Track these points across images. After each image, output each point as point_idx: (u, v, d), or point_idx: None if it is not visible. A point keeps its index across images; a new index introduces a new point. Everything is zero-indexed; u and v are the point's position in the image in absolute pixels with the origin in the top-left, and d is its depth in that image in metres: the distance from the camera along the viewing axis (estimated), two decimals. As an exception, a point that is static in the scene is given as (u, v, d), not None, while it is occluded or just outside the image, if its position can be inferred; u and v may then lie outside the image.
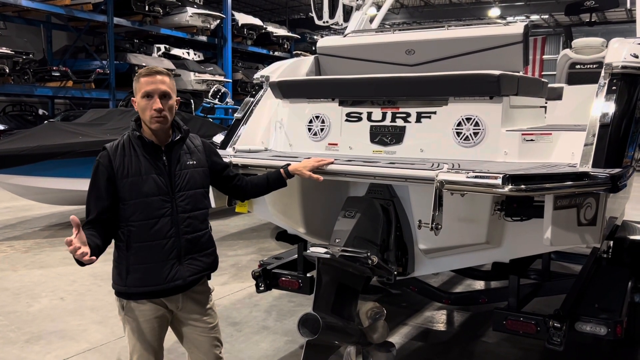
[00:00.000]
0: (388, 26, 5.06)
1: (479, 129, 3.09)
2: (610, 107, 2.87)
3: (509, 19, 20.40)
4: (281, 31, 24.41)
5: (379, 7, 5.57)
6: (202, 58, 21.55)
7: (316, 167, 2.93)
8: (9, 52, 14.59)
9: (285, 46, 24.90)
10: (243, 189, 2.90)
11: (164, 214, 2.47)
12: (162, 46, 19.88)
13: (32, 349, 4.15)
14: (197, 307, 2.64)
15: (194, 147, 2.66)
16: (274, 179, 2.93)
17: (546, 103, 3.94)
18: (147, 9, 17.55)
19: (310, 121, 3.65)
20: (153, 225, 2.45)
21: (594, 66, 5.31)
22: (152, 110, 2.43)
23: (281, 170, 2.92)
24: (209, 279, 2.75)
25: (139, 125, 2.55)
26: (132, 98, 2.56)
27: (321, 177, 2.91)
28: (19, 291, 5.45)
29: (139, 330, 2.53)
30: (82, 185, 8.27)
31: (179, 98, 2.63)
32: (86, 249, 2.20)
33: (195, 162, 2.61)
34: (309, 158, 3.03)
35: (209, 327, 2.67)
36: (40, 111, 19.13)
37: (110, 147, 2.51)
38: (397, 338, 4.33)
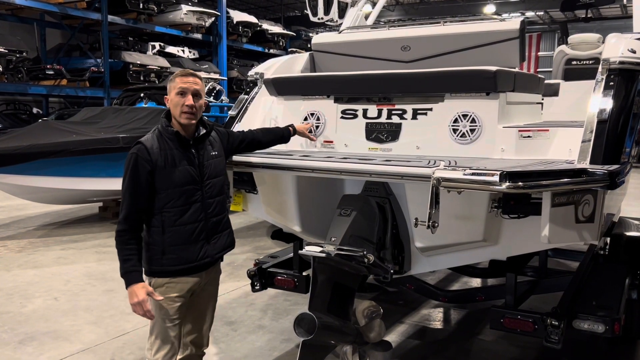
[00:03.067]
0: (383, 22, 5.04)
1: (476, 126, 3.07)
2: (607, 103, 2.85)
3: (504, 15, 20.37)
4: (276, 28, 24.34)
5: (374, 4, 5.54)
6: (197, 56, 21.46)
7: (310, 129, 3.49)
8: (2, 50, 14.50)
9: (281, 44, 24.83)
10: (263, 142, 3.32)
11: (196, 200, 2.76)
12: (156, 44, 19.79)
13: (25, 350, 4.11)
14: (212, 285, 2.99)
15: (213, 139, 2.96)
16: (284, 135, 3.40)
17: (543, 99, 3.91)
18: (141, 6, 17.46)
19: (305, 118, 3.62)
20: (186, 210, 2.73)
21: (591, 62, 5.29)
22: (185, 106, 2.71)
23: (290, 128, 3.41)
24: (222, 260, 3.04)
25: (169, 120, 2.80)
26: (165, 96, 2.83)
27: (314, 138, 3.45)
28: (12, 291, 5.40)
29: (165, 305, 2.75)
30: (77, 184, 8.25)
31: (206, 101, 2.81)
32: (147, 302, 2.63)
33: (216, 153, 2.92)
34: (307, 155, 3.15)
35: (212, 303, 3.05)
36: (35, 110, 19.03)
37: (145, 141, 2.72)
38: (393, 336, 4.30)
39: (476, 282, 5.51)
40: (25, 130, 8.56)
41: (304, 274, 3.95)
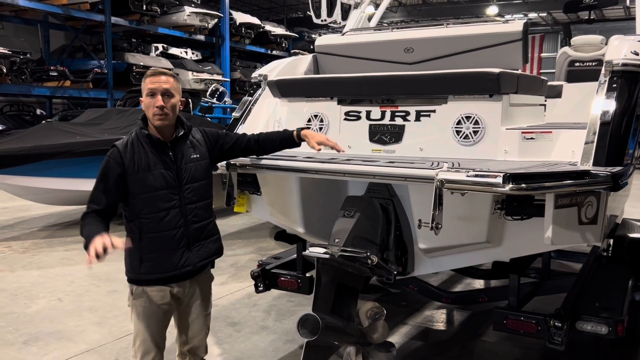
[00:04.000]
0: (386, 24, 5.05)
1: (479, 128, 3.07)
2: (610, 105, 2.85)
3: (507, 16, 20.36)
4: (279, 30, 24.36)
5: (377, 6, 5.55)
6: (200, 57, 21.50)
7: (323, 143, 3.02)
8: (6, 52, 14.53)
9: (284, 45, 24.86)
10: (261, 148, 3.06)
11: (173, 206, 2.65)
12: (160, 45, 19.82)
13: (29, 350, 4.13)
14: (200, 293, 2.85)
15: (196, 141, 2.82)
16: (287, 139, 3.08)
17: (546, 101, 3.92)
18: (144, 8, 17.49)
19: (309, 120, 3.63)
20: (163, 217, 2.63)
21: (594, 64, 5.30)
22: (155, 108, 2.60)
23: (294, 132, 3.07)
24: (212, 267, 2.95)
25: (145, 123, 2.71)
26: (141, 98, 2.71)
27: (318, 147, 2.99)
28: (16, 292, 5.42)
29: (145, 314, 2.69)
30: (80, 185, 8.27)
31: (184, 99, 2.78)
32: (116, 240, 2.36)
33: (198, 156, 2.78)
34: (310, 157, 3.11)
35: (205, 313, 2.90)
36: (38, 111, 19.05)
37: (120, 144, 2.66)
38: (397, 337, 4.31)
39: (479, 284, 5.51)
40: (29, 131, 8.60)
41: (308, 275, 3.95)
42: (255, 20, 22.78)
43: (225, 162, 3.20)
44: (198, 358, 2.93)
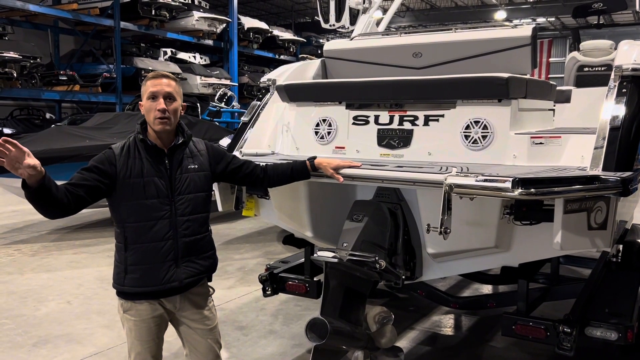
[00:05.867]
0: (394, 29, 5.05)
1: (488, 132, 3.07)
2: (620, 110, 2.85)
3: (515, 21, 20.33)
4: (287, 35, 24.48)
5: (385, 11, 5.56)
6: (208, 62, 21.62)
7: (340, 167, 2.92)
8: (16, 56, 14.69)
9: (291, 50, 24.96)
10: (268, 178, 2.89)
11: (163, 217, 2.51)
12: (168, 50, 19.97)
13: (39, 353, 4.15)
14: (196, 309, 2.68)
15: (197, 151, 2.68)
16: (298, 170, 2.93)
17: (554, 106, 3.91)
18: (153, 13, 17.65)
19: (317, 124, 3.64)
20: (151, 227, 2.49)
21: (603, 69, 5.28)
22: (156, 111, 2.48)
23: (307, 162, 2.93)
24: (210, 280, 2.78)
25: (144, 128, 2.59)
26: (140, 102, 2.61)
27: (342, 178, 2.90)
28: (26, 295, 5.45)
29: (136, 328, 2.59)
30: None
31: (185, 104, 2.68)
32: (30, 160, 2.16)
33: (197, 166, 2.64)
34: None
35: (208, 328, 2.71)
36: (47, 115, 19.22)
37: (116, 147, 2.56)
38: (404, 342, 4.30)
39: (487, 289, 5.49)
40: (38, 135, 8.66)
41: (315, 279, 3.96)
42: (263, 25, 22.90)
43: None
44: None
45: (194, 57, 20.77)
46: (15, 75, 14.76)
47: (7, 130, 16.21)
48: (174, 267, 2.53)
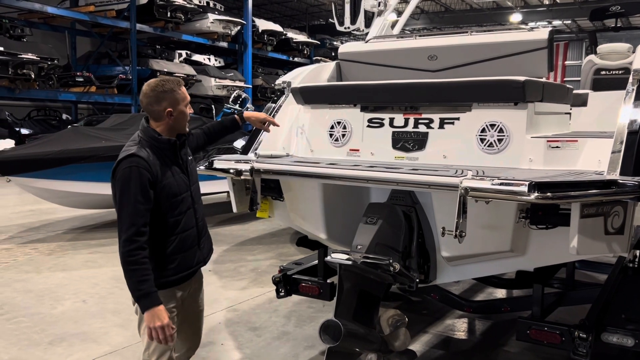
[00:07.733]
0: (409, 32, 5.05)
1: (504, 136, 3.06)
2: (638, 114, 2.82)
3: (531, 24, 20.20)
4: (301, 37, 24.52)
5: (399, 13, 5.56)
6: (222, 64, 21.73)
7: (266, 120, 3.41)
8: (34, 58, 14.85)
9: (305, 52, 25.00)
10: (208, 138, 3.18)
11: (189, 207, 2.74)
12: (183, 52, 20.10)
13: (54, 351, 4.20)
14: (197, 289, 2.95)
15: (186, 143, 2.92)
16: (230, 123, 3.27)
17: (571, 109, 3.88)
18: (169, 15, 17.77)
19: (332, 127, 3.65)
20: (183, 218, 2.70)
21: (620, 72, 5.23)
22: (188, 117, 2.72)
23: (236, 116, 3.27)
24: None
25: (152, 130, 2.68)
26: (169, 109, 2.62)
27: (270, 129, 3.47)
28: (42, 293, 5.52)
29: (179, 312, 2.76)
30: (105, 189, 8.34)
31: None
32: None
33: (191, 157, 2.90)
34: (333, 164, 3.12)
35: (201, 309, 3.01)
36: (64, 116, 19.44)
37: (141, 153, 2.56)
38: (417, 346, 4.29)
39: (501, 293, 5.45)
40: (55, 136, 8.77)
41: (329, 281, 3.96)
42: (277, 28, 22.96)
43: (249, 167, 3.24)
44: (192, 352, 3.04)
45: (209, 59, 20.89)
46: (33, 76, 14.93)
47: (24, 131, 16.44)
48: (198, 249, 2.80)
